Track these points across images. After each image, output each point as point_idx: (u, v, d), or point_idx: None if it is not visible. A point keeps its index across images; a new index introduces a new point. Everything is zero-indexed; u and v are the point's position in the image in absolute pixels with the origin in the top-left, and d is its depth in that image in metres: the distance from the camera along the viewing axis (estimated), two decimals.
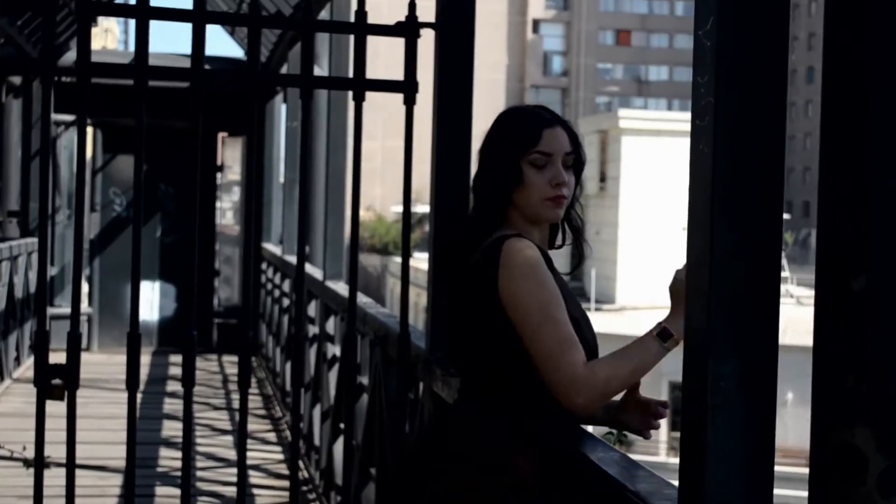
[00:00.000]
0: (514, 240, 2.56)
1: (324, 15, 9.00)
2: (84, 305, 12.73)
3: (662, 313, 2.54)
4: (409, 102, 4.35)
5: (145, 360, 11.56)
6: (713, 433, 1.82)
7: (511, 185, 2.65)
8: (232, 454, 7.88)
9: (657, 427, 2.64)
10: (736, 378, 1.81)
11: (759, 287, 1.81)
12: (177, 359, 11.76)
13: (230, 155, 17.20)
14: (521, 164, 2.64)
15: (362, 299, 5.78)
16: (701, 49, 1.84)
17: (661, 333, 2.51)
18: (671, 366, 2.65)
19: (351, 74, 4.47)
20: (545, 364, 2.46)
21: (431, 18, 4.24)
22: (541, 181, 2.63)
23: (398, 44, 4.27)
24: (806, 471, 1.56)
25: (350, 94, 4.41)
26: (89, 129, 12.69)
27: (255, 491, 7.15)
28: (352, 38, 4.51)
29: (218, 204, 14.13)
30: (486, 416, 2.56)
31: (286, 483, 7.22)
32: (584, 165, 2.72)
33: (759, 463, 1.84)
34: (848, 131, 1.51)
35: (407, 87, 4.33)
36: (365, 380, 5.73)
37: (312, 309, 8.44)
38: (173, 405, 9.46)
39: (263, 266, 12.57)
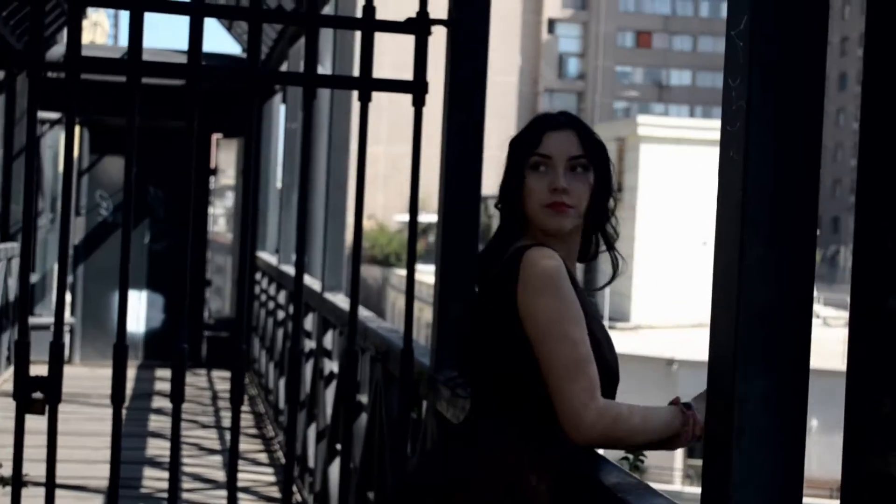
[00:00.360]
0: (534, 249, 2.56)
1: (328, 10, 9.02)
2: (66, 315, 12.72)
3: (680, 333, 2.56)
4: (419, 104, 4.35)
5: (130, 374, 11.56)
6: (738, 458, 1.82)
7: (514, 191, 2.66)
8: (221, 475, 7.87)
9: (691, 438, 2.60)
10: (764, 399, 1.81)
11: (790, 302, 1.81)
12: (163, 373, 11.77)
13: (224, 158, 17.22)
14: (523, 170, 2.66)
15: (363, 313, 5.78)
16: (733, 50, 1.84)
17: (686, 404, 2.54)
18: (687, 386, 2.64)
19: (356, 73, 4.48)
20: (553, 387, 2.47)
21: (443, 15, 4.25)
22: (539, 187, 2.63)
23: (405, 42, 4.28)
24: (832, 503, 1.55)
25: (355, 94, 4.41)
26: (76, 129, 12.70)
27: None
28: (358, 34, 4.52)
29: (210, 210, 14.13)
30: (499, 434, 2.56)
31: None
32: (610, 174, 2.70)
33: (787, 491, 1.83)
34: (889, 141, 1.51)
35: (416, 88, 4.34)
36: (364, 398, 5.73)
37: (309, 322, 8.44)
38: (159, 422, 9.46)
39: (258, 276, 12.57)
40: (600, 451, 2.60)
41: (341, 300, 7.28)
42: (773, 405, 1.82)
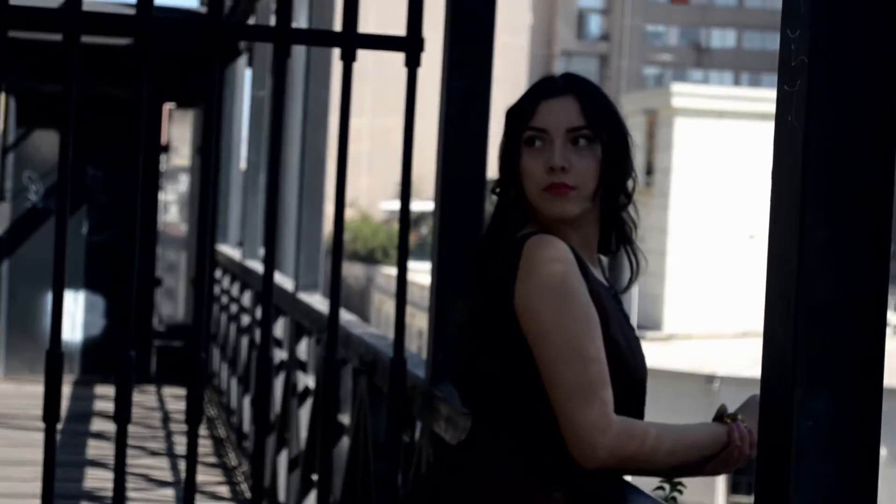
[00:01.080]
0: (538, 239, 2.56)
1: None
2: None
3: (722, 344, 2.56)
4: (413, 64, 4.35)
5: (65, 391, 11.53)
6: (797, 486, 1.81)
7: (511, 171, 2.67)
8: None
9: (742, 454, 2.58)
10: (828, 415, 1.81)
11: (860, 299, 1.81)
12: (105, 390, 11.75)
13: (177, 133, 17.20)
14: (519, 146, 2.67)
15: (345, 316, 5.79)
16: None
17: (731, 416, 2.54)
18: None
19: (338, 28, 4.48)
20: (560, 412, 2.49)
21: None
22: (534, 166, 2.64)
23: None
24: None
25: (337, 52, 4.41)
26: (0, 97, 12.70)
27: None
28: None
29: (161, 195, 14.13)
30: (500, 454, 2.57)
31: None
32: (626, 147, 2.69)
33: None
34: None
35: (410, 45, 4.34)
36: (346, 418, 5.73)
37: (280, 328, 8.44)
38: (100, 449, 9.46)
39: (218, 274, 12.56)
40: (627, 478, 2.60)
41: (318, 302, 7.28)
42: (840, 422, 1.81)
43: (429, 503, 2.62)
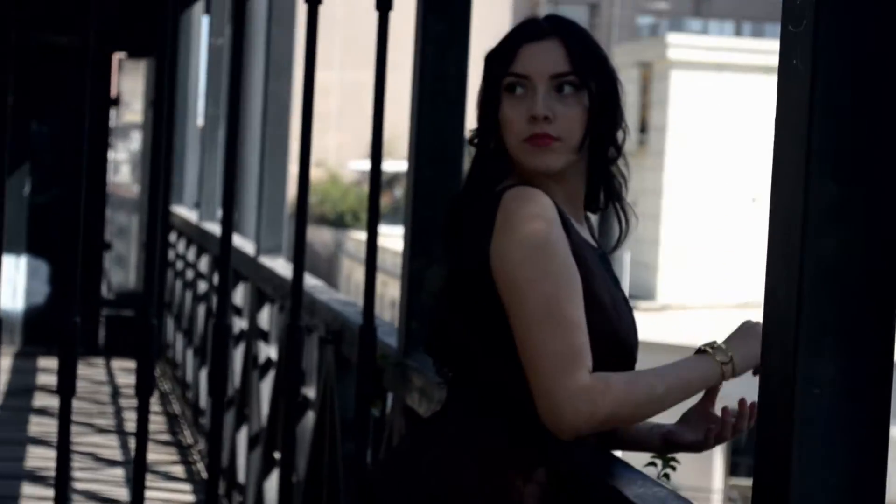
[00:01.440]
0: (516, 192, 2.54)
1: None
2: None
3: (720, 315, 2.57)
4: (385, 6, 4.33)
5: (5, 363, 11.53)
6: (801, 460, 1.81)
7: (487, 122, 2.67)
8: (124, 494, 7.87)
9: (723, 436, 2.62)
10: (836, 384, 1.81)
11: (870, 259, 1.81)
12: (48, 363, 11.73)
13: (128, 85, 17.15)
14: (500, 94, 2.65)
15: (310, 281, 5.78)
16: None
17: (715, 347, 2.55)
18: (732, 385, 2.67)
19: None
20: (534, 377, 2.48)
21: None
22: (516, 116, 2.62)
23: None
24: None
25: None
26: None
27: None
28: None
29: (110, 154, 14.08)
30: (476, 428, 2.57)
31: None
32: (615, 95, 2.68)
33: None
34: None
35: None
36: (311, 392, 5.74)
37: (240, 295, 8.44)
38: (43, 426, 9.44)
39: (172, 238, 12.54)
40: (618, 453, 2.61)
41: (281, 266, 7.28)
42: (848, 392, 1.81)
43: (400, 480, 2.62)
